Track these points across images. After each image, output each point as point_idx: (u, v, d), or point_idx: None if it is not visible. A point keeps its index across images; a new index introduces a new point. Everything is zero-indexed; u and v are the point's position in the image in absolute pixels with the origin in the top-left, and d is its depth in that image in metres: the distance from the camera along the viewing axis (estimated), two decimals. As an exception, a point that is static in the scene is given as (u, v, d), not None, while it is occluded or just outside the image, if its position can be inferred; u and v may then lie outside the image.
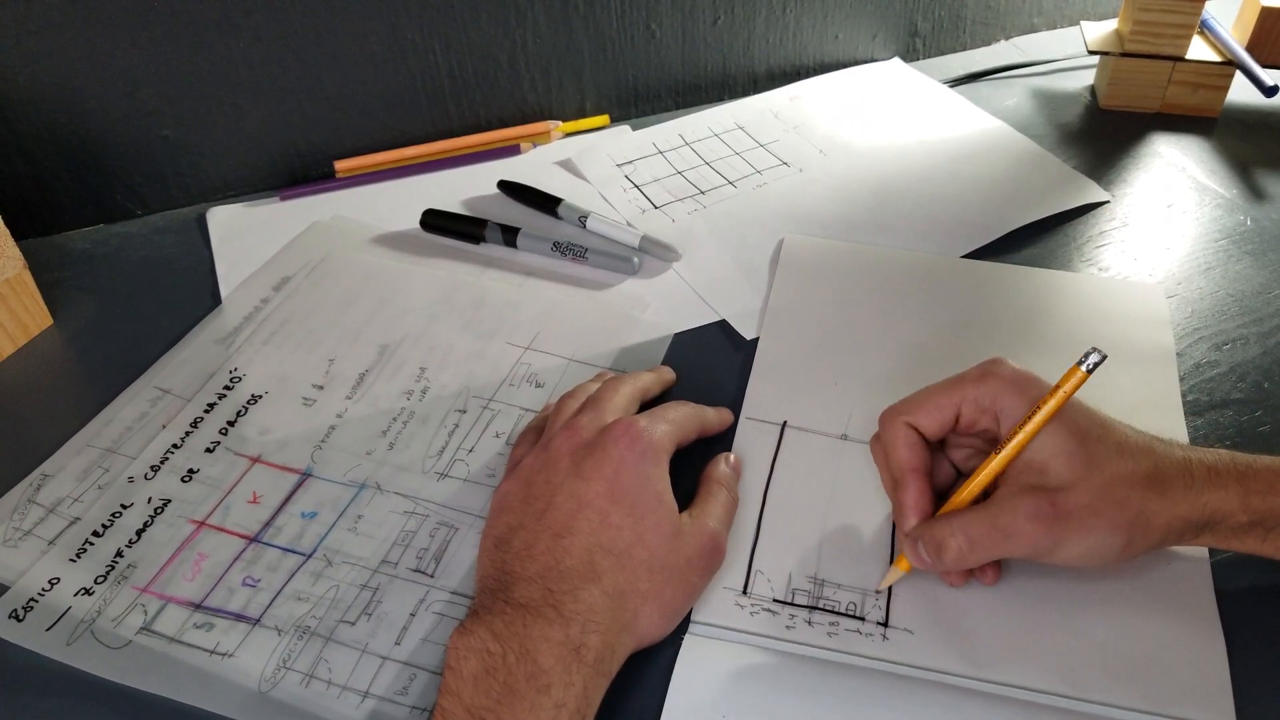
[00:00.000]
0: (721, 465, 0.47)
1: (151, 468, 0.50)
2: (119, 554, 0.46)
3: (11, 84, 0.62)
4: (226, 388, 0.54)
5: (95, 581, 0.45)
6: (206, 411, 0.53)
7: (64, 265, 0.66)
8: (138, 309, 0.62)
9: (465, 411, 0.53)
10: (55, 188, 0.67)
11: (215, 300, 0.62)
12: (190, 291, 0.63)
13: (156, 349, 0.58)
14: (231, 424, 0.52)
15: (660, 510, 0.42)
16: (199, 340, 0.58)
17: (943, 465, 0.45)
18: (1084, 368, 0.41)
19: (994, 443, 0.42)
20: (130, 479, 0.49)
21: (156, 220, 0.70)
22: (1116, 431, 0.41)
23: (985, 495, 0.42)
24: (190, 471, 0.50)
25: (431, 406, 0.53)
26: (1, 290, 0.57)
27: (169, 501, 0.48)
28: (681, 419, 0.47)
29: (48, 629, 0.43)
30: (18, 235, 0.58)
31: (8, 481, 0.50)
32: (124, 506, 0.48)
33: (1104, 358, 0.41)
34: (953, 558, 0.40)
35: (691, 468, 0.47)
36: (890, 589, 0.43)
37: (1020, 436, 0.41)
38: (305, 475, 0.50)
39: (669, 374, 0.53)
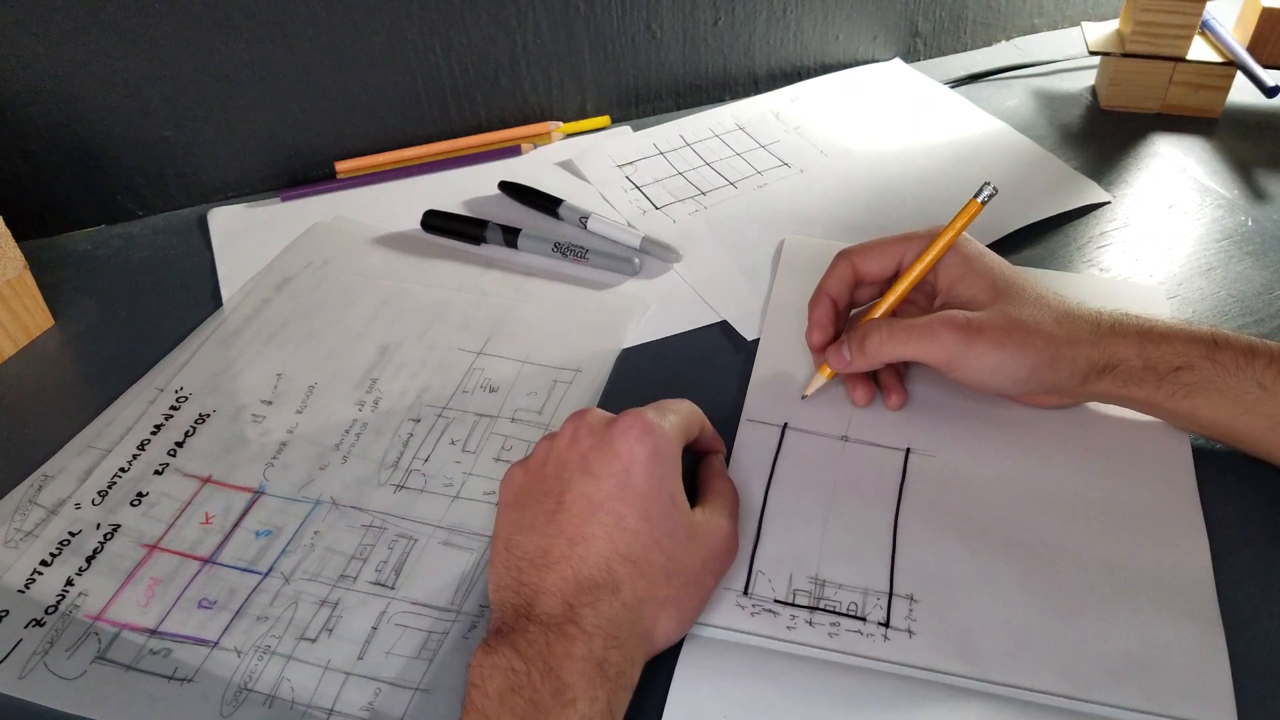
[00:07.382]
0: (716, 459, 0.48)
1: (99, 493, 0.49)
2: (69, 583, 0.45)
3: (12, 84, 0.62)
4: (173, 408, 0.54)
5: (46, 612, 0.44)
6: (154, 433, 0.52)
7: (65, 266, 0.66)
8: (139, 310, 0.62)
9: (420, 420, 0.53)
10: (56, 189, 0.67)
11: (216, 301, 0.62)
12: (191, 292, 0.63)
13: (158, 350, 0.58)
14: (180, 445, 0.52)
15: (676, 514, 0.41)
16: (200, 341, 0.58)
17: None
18: (979, 199, 0.47)
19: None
20: (78, 505, 0.48)
21: (157, 221, 0.70)
22: (1033, 286, 0.47)
23: None
24: (139, 495, 0.49)
25: (384, 418, 0.53)
26: (3, 291, 0.57)
27: (118, 526, 0.47)
28: (686, 413, 0.46)
29: None
30: (19, 236, 0.58)
31: (9, 483, 0.50)
32: (71, 534, 0.47)
33: (996, 191, 0.47)
34: (873, 345, 0.47)
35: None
36: (890, 590, 0.43)
37: (929, 255, 0.48)
38: (258, 493, 0.49)
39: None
